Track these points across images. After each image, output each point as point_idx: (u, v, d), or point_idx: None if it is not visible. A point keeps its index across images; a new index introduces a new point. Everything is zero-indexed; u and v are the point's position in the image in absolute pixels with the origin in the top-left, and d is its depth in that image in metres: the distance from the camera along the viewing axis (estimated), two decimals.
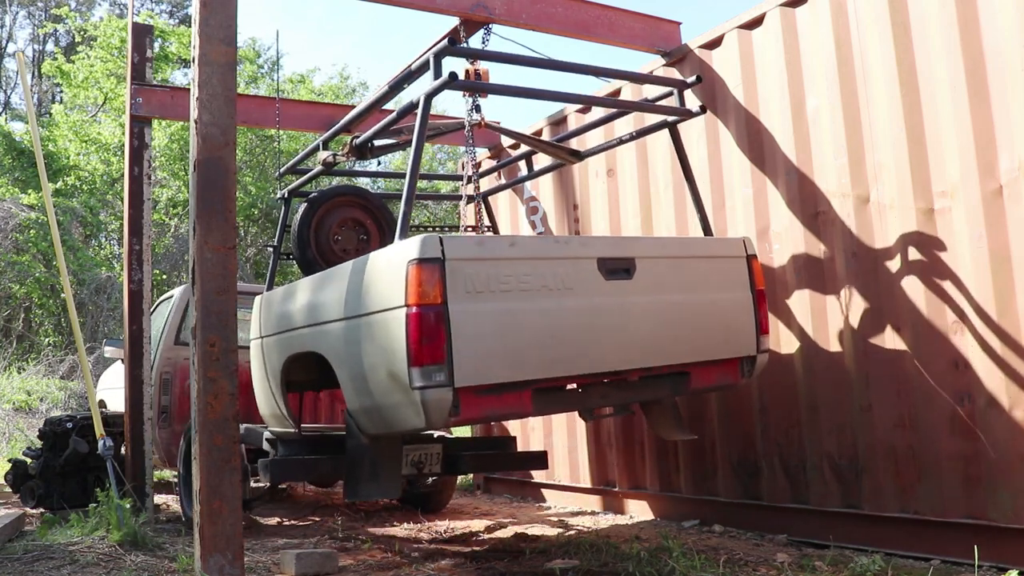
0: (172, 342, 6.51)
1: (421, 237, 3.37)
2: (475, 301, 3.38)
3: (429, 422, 3.35)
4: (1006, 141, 3.61)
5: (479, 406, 3.41)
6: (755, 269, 4.29)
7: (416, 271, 3.29)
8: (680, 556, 3.86)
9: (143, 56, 6.00)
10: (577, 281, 3.68)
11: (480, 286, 3.41)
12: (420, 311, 3.25)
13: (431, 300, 3.27)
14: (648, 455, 5.39)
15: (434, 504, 6.09)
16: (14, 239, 14.90)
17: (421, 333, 3.24)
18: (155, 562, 4.10)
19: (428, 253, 3.31)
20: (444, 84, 3.62)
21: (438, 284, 3.29)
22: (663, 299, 3.94)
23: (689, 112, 4.47)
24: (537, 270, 3.58)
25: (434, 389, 3.26)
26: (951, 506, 3.76)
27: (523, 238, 3.82)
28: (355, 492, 3.88)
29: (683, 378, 4.07)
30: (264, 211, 18.43)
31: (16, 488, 6.05)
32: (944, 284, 3.84)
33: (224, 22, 3.49)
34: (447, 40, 3.73)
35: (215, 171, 3.43)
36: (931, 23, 3.88)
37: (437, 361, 3.26)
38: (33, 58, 28.56)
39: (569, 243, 3.87)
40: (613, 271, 3.80)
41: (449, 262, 3.34)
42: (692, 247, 4.26)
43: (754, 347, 4.23)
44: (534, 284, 3.55)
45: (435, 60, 3.69)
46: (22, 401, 11.86)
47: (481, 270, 3.43)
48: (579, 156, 4.99)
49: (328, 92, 21.74)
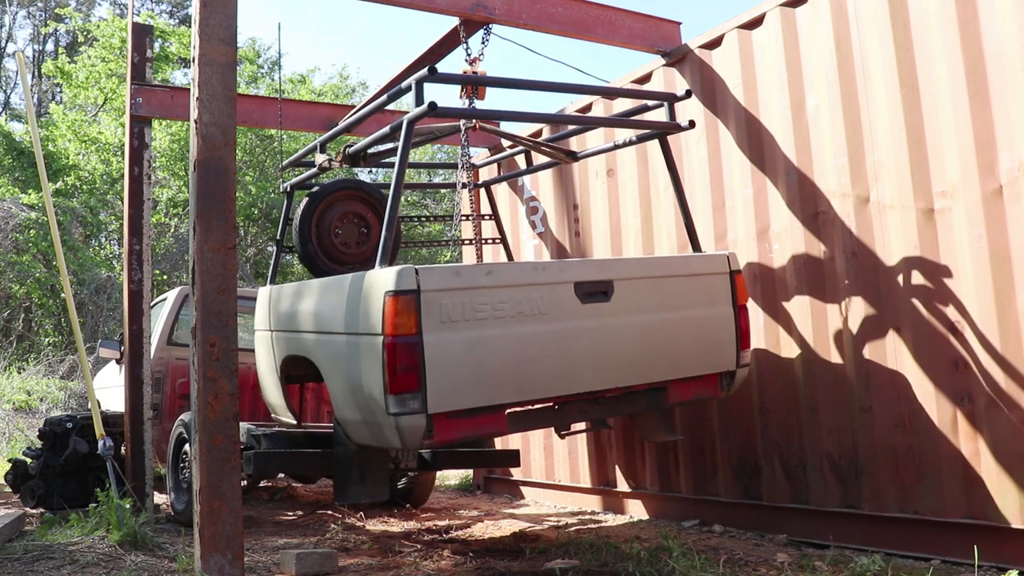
0: (165, 342, 6.76)
1: (398, 269, 3.44)
2: (450, 330, 3.49)
3: (404, 444, 3.47)
4: (1006, 141, 3.61)
5: (453, 429, 3.53)
6: (738, 285, 4.34)
7: (392, 303, 3.39)
8: (680, 556, 3.86)
9: (143, 56, 6.00)
10: (553, 306, 3.76)
11: (455, 315, 3.51)
12: (395, 342, 3.36)
13: (406, 331, 3.38)
14: (648, 455, 5.39)
15: (413, 500, 6.30)
16: (14, 239, 14.90)
17: (396, 363, 3.36)
18: (155, 562, 4.10)
19: (404, 285, 3.40)
20: (423, 113, 3.66)
21: (413, 316, 3.39)
22: (642, 319, 4.02)
23: (678, 126, 4.47)
24: (513, 297, 3.67)
25: (408, 416, 3.38)
26: (951, 506, 3.76)
27: (499, 266, 3.85)
28: (344, 495, 4.02)
29: (661, 393, 4.16)
30: (264, 211, 18.43)
31: (16, 488, 6.05)
32: (944, 284, 3.84)
33: (224, 22, 3.49)
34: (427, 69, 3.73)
35: (215, 171, 3.44)
36: (931, 23, 3.88)
37: (411, 390, 3.38)
38: (33, 58, 28.55)
39: (546, 269, 3.91)
40: (590, 294, 3.88)
41: (424, 294, 3.43)
42: (673, 266, 4.30)
43: (734, 362, 4.30)
44: (509, 311, 3.65)
45: (416, 87, 3.72)
46: (22, 401, 11.86)
47: (456, 300, 3.52)
48: (575, 157, 4.99)
49: (328, 92, 21.74)
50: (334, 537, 4.97)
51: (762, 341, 4.66)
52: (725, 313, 4.28)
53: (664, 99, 4.54)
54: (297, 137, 17.30)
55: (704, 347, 4.21)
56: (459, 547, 4.59)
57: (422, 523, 5.53)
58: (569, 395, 3.86)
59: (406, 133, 3.70)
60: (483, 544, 4.69)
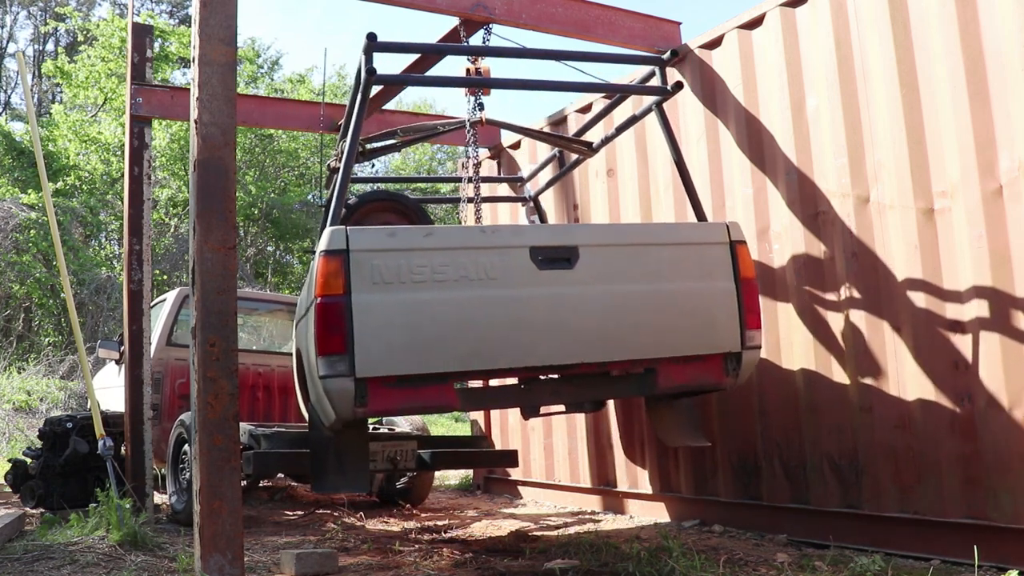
0: (164, 343, 6.80)
1: (331, 229, 3.42)
2: (382, 292, 3.41)
3: (336, 412, 3.40)
4: (1006, 141, 3.61)
5: (391, 398, 3.42)
6: (741, 256, 4.00)
7: (323, 263, 3.37)
8: (680, 556, 3.85)
9: (143, 56, 6.00)
10: (504, 271, 3.60)
11: (389, 277, 3.43)
12: (323, 302, 3.33)
13: (333, 291, 3.34)
14: (648, 455, 5.39)
15: (412, 500, 6.33)
16: (14, 239, 14.90)
17: (324, 323, 3.32)
18: (155, 562, 4.10)
19: (334, 245, 3.38)
20: (370, 70, 3.77)
21: (341, 276, 3.35)
22: (615, 288, 3.76)
23: (665, 90, 4.38)
24: (456, 260, 3.54)
25: (336, 379, 3.31)
26: (951, 506, 3.76)
27: (441, 228, 3.78)
28: (322, 484, 3.94)
29: (650, 375, 3.87)
30: (264, 211, 18.43)
31: (16, 488, 6.05)
32: (944, 284, 3.84)
33: (224, 22, 3.49)
34: (367, 36, 3.84)
35: (215, 171, 3.43)
36: (931, 23, 3.88)
37: (337, 351, 3.31)
38: (34, 58, 28.55)
39: (497, 232, 3.80)
40: (550, 260, 3.68)
41: (354, 253, 3.39)
42: (655, 234, 4.05)
43: (738, 342, 3.94)
44: (451, 275, 3.52)
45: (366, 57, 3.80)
46: (22, 401, 11.87)
47: (391, 261, 3.44)
48: (593, 148, 4.94)
49: (327, 92, 21.75)
50: (334, 537, 4.97)
51: (762, 341, 4.65)
52: (725, 287, 3.93)
53: (653, 63, 4.53)
54: (297, 137, 17.30)
55: (699, 324, 3.87)
56: (459, 547, 4.59)
57: (422, 523, 5.53)
58: (527, 368, 3.64)
59: (358, 86, 3.77)
60: (483, 544, 4.69)
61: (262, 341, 8.73)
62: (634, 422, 5.50)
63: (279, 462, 4.88)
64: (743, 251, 4.03)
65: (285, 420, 7.17)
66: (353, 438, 3.92)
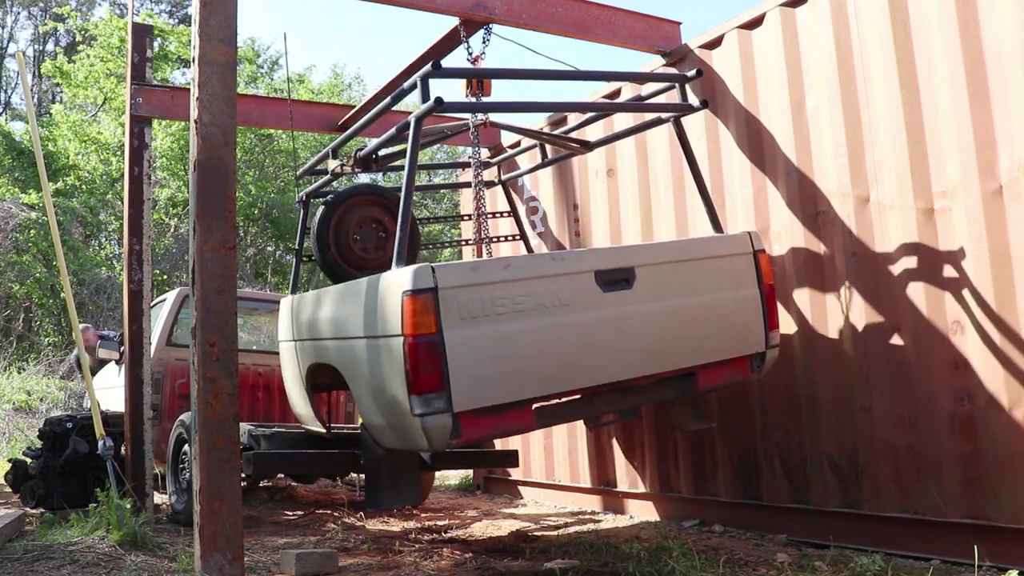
0: (164, 343, 6.80)
1: (415, 268, 3.42)
2: (470, 326, 3.44)
3: (432, 446, 3.43)
4: (1006, 141, 3.61)
5: (481, 426, 3.49)
6: (763, 264, 4.22)
7: (410, 303, 3.35)
8: (680, 556, 3.85)
9: (143, 56, 6.00)
10: (574, 296, 3.70)
11: (475, 311, 3.46)
12: (416, 341, 3.33)
13: (426, 330, 3.34)
14: (648, 455, 5.39)
15: None
16: (14, 239, 14.90)
17: (418, 363, 3.32)
18: (155, 562, 4.10)
19: (421, 284, 3.37)
20: (431, 109, 3.64)
21: (432, 314, 3.36)
22: (666, 305, 3.94)
23: (690, 107, 4.43)
24: (532, 289, 3.61)
25: (434, 416, 3.34)
26: (951, 506, 3.76)
27: (517, 259, 3.82)
28: (376, 501, 4.03)
29: (690, 379, 4.07)
30: (264, 211, 18.43)
31: (16, 488, 6.04)
32: (944, 284, 3.84)
33: (224, 22, 3.49)
34: (431, 64, 3.68)
35: (215, 171, 3.43)
36: (931, 23, 3.88)
37: (435, 389, 3.34)
38: (33, 58, 28.54)
39: (564, 259, 3.85)
40: (611, 282, 3.81)
41: (442, 291, 3.39)
42: (695, 249, 4.22)
43: (763, 343, 4.20)
44: (529, 304, 3.59)
45: (422, 83, 3.68)
46: (22, 401, 11.87)
47: (475, 296, 3.48)
48: (589, 147, 4.96)
49: (326, 91, 21.77)
50: (334, 537, 4.97)
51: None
52: (751, 294, 4.17)
53: (675, 80, 4.53)
54: (297, 137, 17.30)
55: (732, 330, 4.11)
56: (459, 547, 4.59)
57: (422, 523, 5.53)
58: (595, 387, 3.80)
59: (414, 131, 3.67)
60: (483, 544, 4.69)
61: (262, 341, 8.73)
62: (634, 422, 5.49)
63: (279, 462, 4.91)
64: (764, 259, 4.26)
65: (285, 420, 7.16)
66: (405, 456, 3.98)
